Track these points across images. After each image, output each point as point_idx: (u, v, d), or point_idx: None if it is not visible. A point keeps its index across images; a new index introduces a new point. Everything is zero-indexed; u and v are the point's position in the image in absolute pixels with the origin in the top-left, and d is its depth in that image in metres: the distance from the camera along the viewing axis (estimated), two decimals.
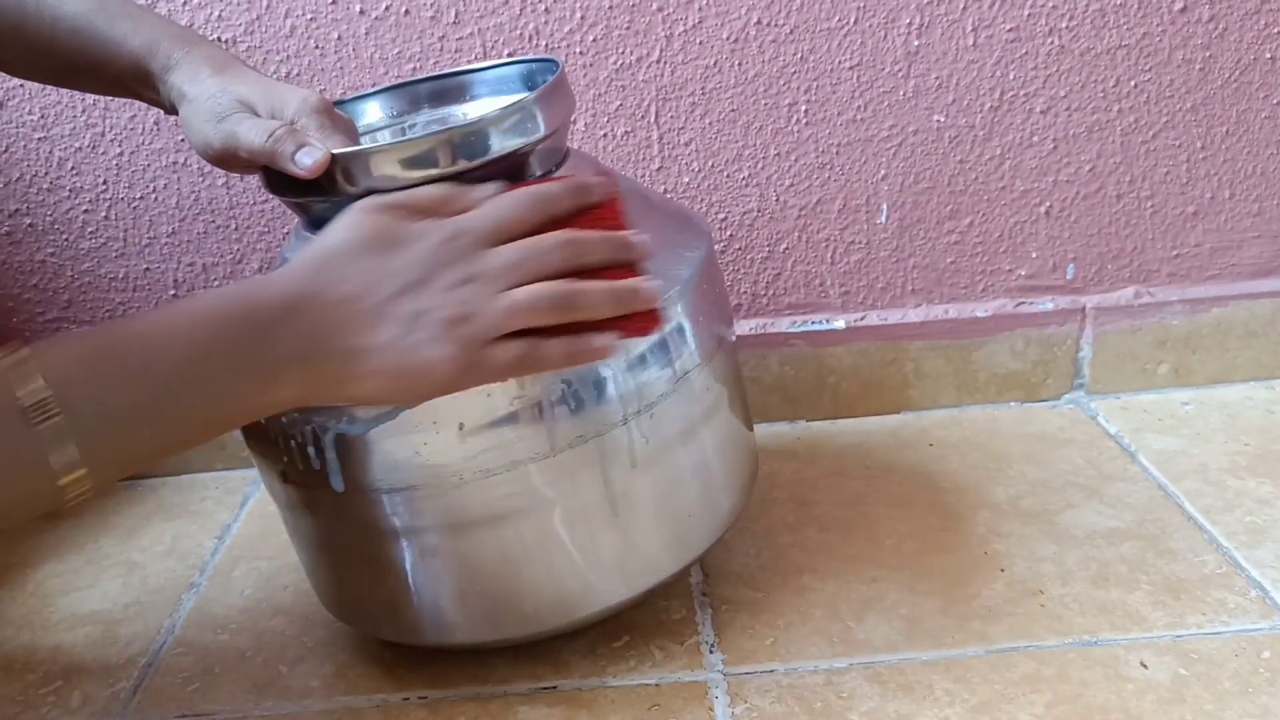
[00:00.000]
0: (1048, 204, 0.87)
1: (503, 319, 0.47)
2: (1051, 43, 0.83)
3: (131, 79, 0.61)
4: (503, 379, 0.51)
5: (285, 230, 0.84)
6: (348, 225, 0.48)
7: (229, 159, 0.57)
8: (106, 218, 0.84)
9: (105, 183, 0.83)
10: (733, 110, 0.83)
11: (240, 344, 0.45)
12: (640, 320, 0.51)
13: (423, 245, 0.48)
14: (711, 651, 0.63)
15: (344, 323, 0.46)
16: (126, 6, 0.62)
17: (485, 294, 0.47)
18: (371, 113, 0.66)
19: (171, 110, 0.61)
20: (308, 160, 0.52)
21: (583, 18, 0.80)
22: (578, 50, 0.81)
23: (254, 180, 0.83)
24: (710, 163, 0.84)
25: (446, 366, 0.47)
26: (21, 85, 0.80)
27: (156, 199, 0.83)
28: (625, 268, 0.51)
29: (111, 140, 0.82)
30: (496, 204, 0.50)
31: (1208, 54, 0.84)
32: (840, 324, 0.89)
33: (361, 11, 0.79)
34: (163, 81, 0.60)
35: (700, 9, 0.80)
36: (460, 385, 0.48)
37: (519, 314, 0.48)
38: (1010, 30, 0.82)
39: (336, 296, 0.47)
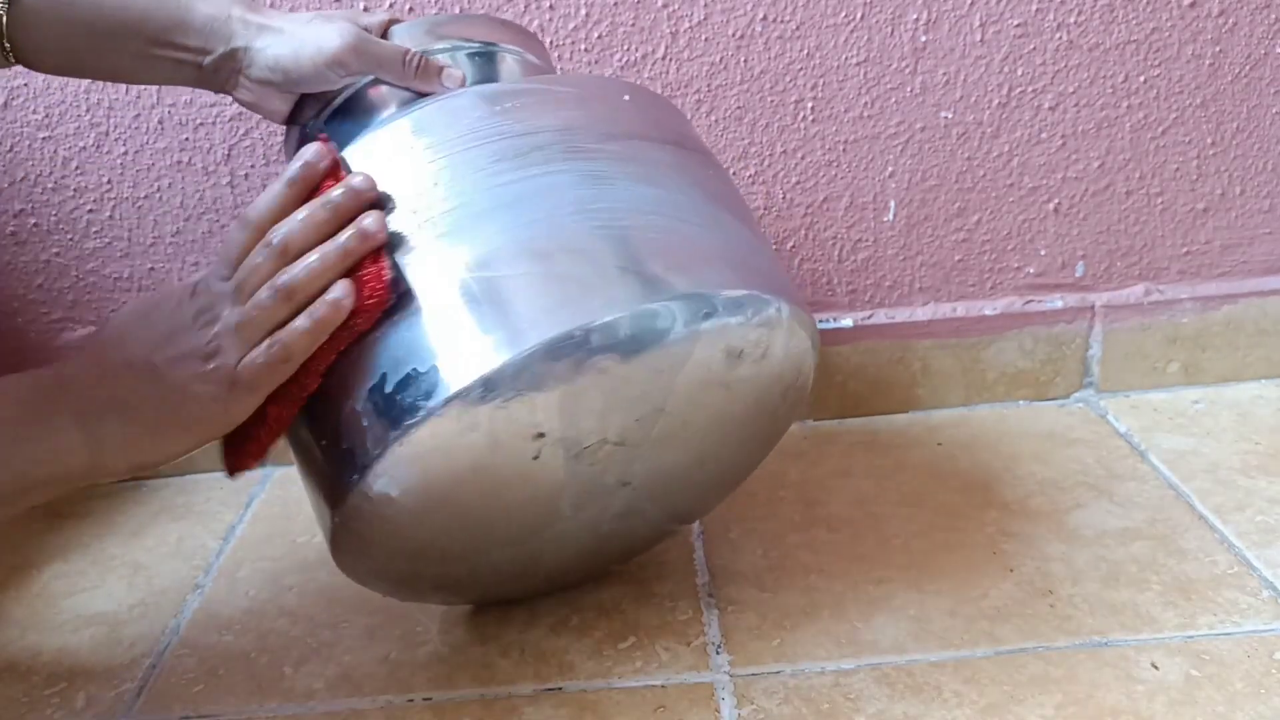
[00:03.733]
0: (1056, 201, 0.87)
1: (241, 336, 0.50)
2: (1060, 38, 0.82)
3: (170, 26, 0.60)
4: (269, 388, 0.51)
5: None
6: (111, 325, 0.53)
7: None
8: (111, 217, 0.84)
9: (110, 182, 0.83)
10: (739, 107, 0.83)
11: (16, 414, 0.49)
12: (370, 271, 0.49)
13: (172, 299, 0.51)
14: (718, 652, 0.62)
15: (113, 384, 0.50)
16: None
17: (225, 323, 0.50)
18: None
19: (198, 74, 0.60)
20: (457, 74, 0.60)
21: (587, 14, 0.80)
22: (582, 47, 0.80)
23: (259, 179, 0.83)
24: None
25: (211, 402, 0.50)
26: (25, 84, 0.79)
27: (161, 199, 0.83)
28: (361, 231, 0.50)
29: (116, 139, 0.81)
30: (226, 237, 0.53)
31: (1218, 49, 0.83)
32: (847, 322, 0.89)
33: (366, 9, 0.79)
34: (226, 13, 0.60)
35: (705, 5, 0.80)
36: (234, 414, 0.51)
37: (251, 323, 0.50)
38: (1018, 26, 0.82)
39: (104, 363, 0.51)
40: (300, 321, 0.50)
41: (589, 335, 0.48)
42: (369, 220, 0.50)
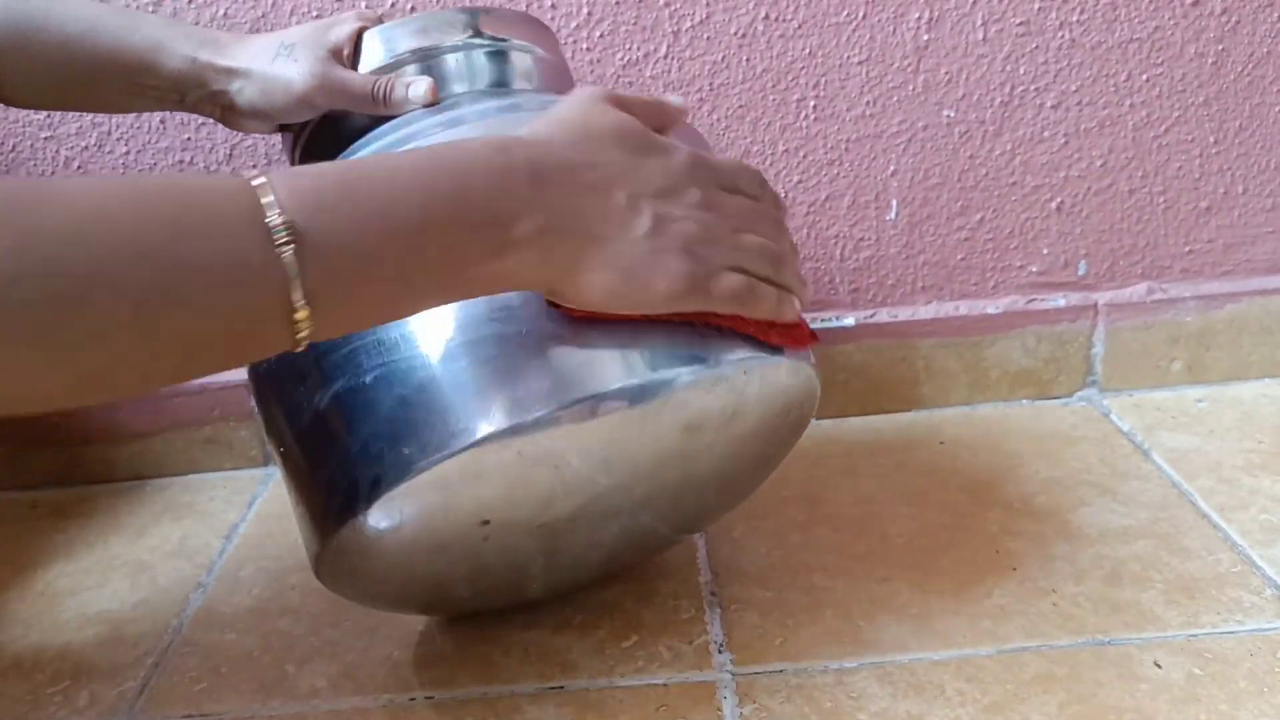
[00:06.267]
0: (1059, 200, 0.87)
1: (734, 253, 0.49)
2: (1062, 37, 0.82)
3: (139, 70, 0.62)
4: (721, 308, 0.49)
5: None
6: (595, 111, 0.48)
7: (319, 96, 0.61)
8: None
9: None
10: (741, 106, 0.83)
11: (482, 201, 0.43)
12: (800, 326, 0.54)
13: (675, 159, 0.48)
14: (720, 651, 0.62)
15: (593, 206, 0.45)
16: (129, 10, 0.64)
17: (723, 226, 0.49)
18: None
19: (180, 107, 0.63)
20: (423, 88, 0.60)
21: (590, 13, 0.80)
22: (584, 46, 0.80)
23: None
24: None
25: (678, 279, 0.47)
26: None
27: None
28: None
29: (118, 139, 0.82)
30: (736, 162, 0.52)
31: (1220, 48, 0.83)
32: (850, 321, 0.89)
33: (368, 8, 0.79)
34: (190, 59, 0.61)
35: (707, 4, 0.80)
36: (682, 303, 0.47)
37: (747, 254, 0.49)
38: (1020, 24, 0.81)
39: (590, 179, 0.45)
40: (773, 295, 0.50)
41: (532, 424, 0.47)
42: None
